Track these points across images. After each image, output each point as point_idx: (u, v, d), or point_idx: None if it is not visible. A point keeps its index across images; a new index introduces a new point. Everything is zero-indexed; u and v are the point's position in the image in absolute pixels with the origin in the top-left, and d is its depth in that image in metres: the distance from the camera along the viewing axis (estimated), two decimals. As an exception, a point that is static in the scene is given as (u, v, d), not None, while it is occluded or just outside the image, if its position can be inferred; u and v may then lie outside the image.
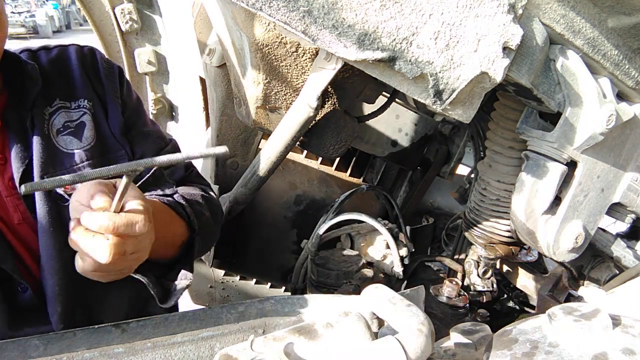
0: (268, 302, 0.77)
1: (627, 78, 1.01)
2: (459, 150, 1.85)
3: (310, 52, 1.09)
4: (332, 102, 1.14)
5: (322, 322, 0.58)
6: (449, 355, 0.70)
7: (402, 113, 1.71)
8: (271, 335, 0.57)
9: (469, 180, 1.74)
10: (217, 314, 0.75)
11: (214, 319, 0.75)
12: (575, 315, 0.55)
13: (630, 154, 1.12)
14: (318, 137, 1.20)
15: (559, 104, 0.97)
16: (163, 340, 0.71)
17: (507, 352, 0.55)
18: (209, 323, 0.75)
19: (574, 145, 1.00)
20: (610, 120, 0.97)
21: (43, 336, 0.69)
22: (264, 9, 0.71)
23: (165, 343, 0.70)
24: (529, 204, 1.07)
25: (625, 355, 0.51)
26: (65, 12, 21.79)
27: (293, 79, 1.13)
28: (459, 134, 1.84)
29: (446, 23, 0.77)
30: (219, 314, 0.75)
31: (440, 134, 1.85)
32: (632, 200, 1.16)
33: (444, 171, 1.93)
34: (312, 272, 1.47)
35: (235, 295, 2.06)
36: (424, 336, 0.53)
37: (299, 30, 0.73)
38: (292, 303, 0.77)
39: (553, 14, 0.86)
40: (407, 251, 1.55)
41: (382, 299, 0.61)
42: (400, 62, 0.77)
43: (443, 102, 0.82)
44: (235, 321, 0.75)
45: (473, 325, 0.74)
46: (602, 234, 1.30)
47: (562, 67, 0.92)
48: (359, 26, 0.74)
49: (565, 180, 1.05)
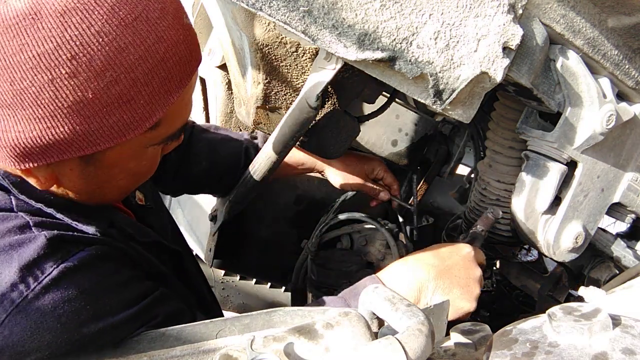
0: (276, 313, 0.72)
1: (627, 78, 1.01)
2: (459, 150, 1.85)
3: (310, 52, 1.09)
4: (332, 102, 1.14)
5: (322, 322, 0.58)
6: (449, 355, 0.70)
7: (402, 113, 1.71)
8: (271, 336, 0.57)
9: (469, 180, 1.74)
10: (219, 326, 0.71)
11: (217, 332, 0.71)
12: (575, 315, 0.55)
13: (630, 154, 1.12)
14: (318, 137, 1.19)
15: (559, 104, 0.97)
16: (161, 353, 0.67)
17: (507, 352, 0.55)
18: (210, 336, 0.70)
19: (574, 145, 1.00)
20: (610, 120, 0.97)
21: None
22: (264, 9, 0.71)
23: (163, 357, 0.67)
24: (529, 204, 1.07)
25: (625, 355, 0.51)
26: (65, 12, 21.77)
27: (293, 79, 1.13)
28: (459, 134, 1.84)
29: (446, 23, 0.77)
30: (221, 326, 0.71)
31: (440, 134, 1.85)
32: (632, 200, 1.16)
33: (444, 171, 1.92)
34: (312, 272, 1.47)
35: (235, 295, 2.06)
36: (424, 336, 0.53)
37: (299, 30, 0.73)
38: (302, 315, 0.72)
39: (553, 14, 0.87)
40: (407, 251, 1.55)
41: (382, 299, 0.61)
42: (400, 62, 0.77)
43: (443, 102, 0.82)
44: (240, 334, 0.70)
45: (473, 325, 0.74)
46: (602, 234, 1.30)
47: (562, 67, 0.92)
48: (359, 26, 0.74)
49: (565, 180, 1.05)
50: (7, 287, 0.63)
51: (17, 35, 0.56)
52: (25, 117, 0.60)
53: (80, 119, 0.61)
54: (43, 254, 0.66)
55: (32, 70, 0.57)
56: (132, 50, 0.61)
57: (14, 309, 0.63)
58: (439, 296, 0.94)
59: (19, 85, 0.58)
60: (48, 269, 0.65)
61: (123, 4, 0.60)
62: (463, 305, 0.96)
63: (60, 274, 0.66)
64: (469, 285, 0.96)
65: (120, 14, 0.60)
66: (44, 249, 0.66)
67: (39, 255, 0.65)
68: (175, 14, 0.67)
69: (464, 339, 0.71)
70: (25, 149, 0.63)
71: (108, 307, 0.69)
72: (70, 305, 0.66)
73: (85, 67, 0.58)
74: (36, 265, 0.65)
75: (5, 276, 0.64)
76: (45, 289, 0.65)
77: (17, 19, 0.56)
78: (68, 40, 0.57)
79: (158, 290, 0.79)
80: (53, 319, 0.64)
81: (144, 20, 0.62)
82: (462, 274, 0.96)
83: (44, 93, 0.58)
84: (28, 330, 0.63)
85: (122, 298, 0.72)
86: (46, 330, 0.64)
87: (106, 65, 0.59)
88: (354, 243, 1.50)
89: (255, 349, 0.54)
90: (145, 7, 0.62)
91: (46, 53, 0.57)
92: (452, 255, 1.00)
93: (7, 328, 0.63)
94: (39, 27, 0.57)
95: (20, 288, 0.64)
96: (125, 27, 0.60)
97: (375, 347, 0.51)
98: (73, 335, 0.66)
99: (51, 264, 0.66)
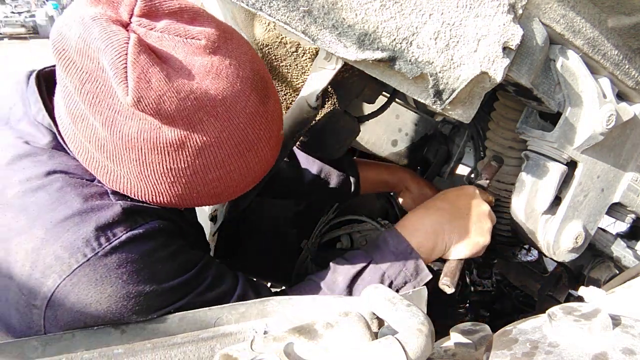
0: (270, 302, 0.77)
1: (627, 78, 1.01)
2: (459, 150, 1.85)
3: (310, 52, 1.09)
4: (332, 102, 1.14)
5: (322, 322, 0.58)
6: (449, 355, 0.70)
7: (402, 113, 1.71)
8: (271, 335, 0.57)
9: (469, 180, 1.74)
10: (217, 314, 0.75)
11: (215, 320, 0.75)
12: (575, 315, 0.55)
13: (630, 154, 1.12)
14: (318, 137, 1.19)
15: (559, 104, 0.97)
16: (163, 341, 0.71)
17: (507, 352, 0.55)
18: (209, 324, 0.75)
19: (574, 145, 1.00)
20: (610, 120, 0.97)
21: (41, 337, 0.69)
22: (264, 9, 0.71)
23: (165, 344, 0.71)
24: (529, 204, 1.07)
25: (625, 355, 0.51)
26: (65, 12, 21.79)
27: (293, 79, 1.13)
28: (459, 134, 1.84)
29: (446, 23, 0.77)
30: (219, 314, 0.75)
31: (440, 134, 1.85)
32: (632, 200, 1.16)
33: (444, 171, 1.92)
34: (312, 272, 1.47)
35: (235, 295, 2.05)
36: (424, 336, 0.53)
37: (299, 30, 0.73)
38: (294, 304, 0.76)
39: (553, 14, 0.87)
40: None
41: (382, 299, 0.61)
42: (400, 62, 0.77)
43: (443, 102, 0.82)
44: (236, 322, 0.75)
45: (473, 325, 0.74)
46: (602, 234, 1.30)
47: (562, 67, 0.92)
48: (359, 26, 0.74)
49: (565, 180, 1.05)
50: (83, 243, 0.72)
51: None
52: (139, 188, 0.77)
53: (175, 200, 0.79)
54: (117, 220, 0.76)
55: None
56: (238, 171, 0.79)
57: (85, 262, 0.72)
58: (455, 236, 1.02)
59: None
60: (118, 234, 0.75)
61: (243, 140, 0.76)
62: (478, 240, 1.04)
63: (127, 239, 0.75)
64: (480, 221, 1.04)
65: (239, 145, 0.76)
66: (118, 216, 0.76)
67: (113, 221, 0.75)
68: (277, 140, 0.84)
69: (464, 339, 0.71)
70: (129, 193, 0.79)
71: (164, 272, 0.79)
72: (132, 265, 0.75)
73: (206, 171, 0.76)
74: (110, 228, 0.75)
75: (82, 232, 0.73)
76: (114, 249, 0.74)
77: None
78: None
79: (204, 256, 0.88)
80: (116, 276, 0.73)
81: (254, 151, 0.79)
82: (472, 212, 1.04)
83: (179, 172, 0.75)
84: (93, 282, 0.72)
85: (176, 266, 0.81)
86: (108, 284, 0.73)
87: (219, 177, 0.78)
88: (354, 243, 1.49)
89: (255, 349, 0.54)
90: (257, 139, 0.79)
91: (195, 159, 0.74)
92: (460, 196, 1.07)
93: (76, 277, 0.71)
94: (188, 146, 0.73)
95: (93, 245, 0.73)
96: (240, 155, 0.78)
97: (375, 347, 0.51)
98: (130, 291, 0.74)
99: (122, 229, 0.75)
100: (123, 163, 0.73)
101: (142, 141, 0.70)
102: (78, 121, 0.73)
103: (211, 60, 0.71)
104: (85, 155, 0.77)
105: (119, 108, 0.68)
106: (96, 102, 0.69)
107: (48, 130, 0.80)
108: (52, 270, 0.71)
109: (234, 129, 0.74)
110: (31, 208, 0.74)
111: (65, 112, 0.75)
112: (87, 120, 0.72)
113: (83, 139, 0.75)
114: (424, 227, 1.02)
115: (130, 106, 0.66)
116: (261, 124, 0.78)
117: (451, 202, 1.06)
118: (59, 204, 0.74)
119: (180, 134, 0.70)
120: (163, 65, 0.67)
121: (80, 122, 0.73)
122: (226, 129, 0.73)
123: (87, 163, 0.78)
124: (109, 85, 0.67)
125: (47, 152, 0.79)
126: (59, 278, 0.71)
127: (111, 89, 0.67)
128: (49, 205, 0.74)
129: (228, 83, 0.72)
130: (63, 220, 0.73)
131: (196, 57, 0.70)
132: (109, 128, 0.70)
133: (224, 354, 0.54)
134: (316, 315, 0.61)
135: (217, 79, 0.71)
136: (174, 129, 0.69)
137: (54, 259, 0.71)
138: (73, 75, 0.69)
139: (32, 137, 0.80)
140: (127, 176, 0.76)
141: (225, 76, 0.72)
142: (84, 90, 0.69)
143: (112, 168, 0.75)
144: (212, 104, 0.71)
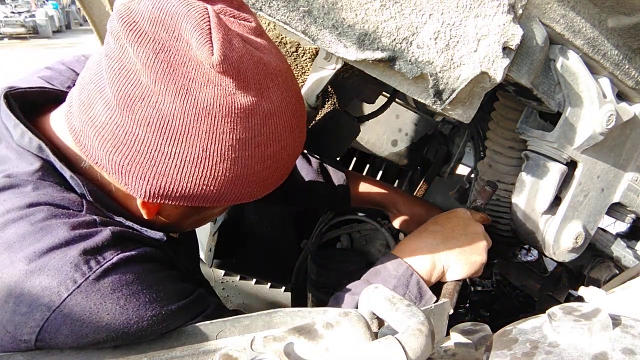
0: (277, 314, 0.71)
1: (627, 78, 1.01)
2: (459, 150, 1.85)
3: (310, 52, 1.09)
4: (332, 102, 1.14)
5: (322, 322, 0.58)
6: (449, 355, 0.70)
7: (402, 113, 1.71)
8: (271, 335, 0.57)
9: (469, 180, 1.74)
10: (219, 328, 0.70)
11: (217, 333, 0.70)
12: (575, 315, 0.55)
13: (630, 154, 1.12)
14: (318, 137, 1.20)
15: (559, 104, 0.97)
16: (160, 354, 0.67)
17: (507, 352, 0.55)
18: (210, 338, 0.70)
19: (574, 145, 1.00)
20: (610, 120, 0.97)
21: (28, 352, 0.66)
22: (264, 9, 0.71)
23: (162, 358, 0.66)
24: (529, 204, 1.07)
25: (625, 355, 0.51)
26: (65, 12, 21.81)
27: (293, 79, 1.13)
28: (459, 134, 1.84)
29: (446, 23, 0.77)
30: (221, 327, 0.70)
31: (440, 134, 1.85)
32: (632, 200, 1.16)
33: (444, 171, 1.92)
34: (312, 272, 1.47)
35: (235, 294, 2.06)
36: (424, 336, 0.53)
37: (299, 30, 0.73)
38: (302, 316, 0.71)
39: (553, 14, 0.87)
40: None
41: (382, 299, 0.61)
42: (400, 62, 0.77)
43: (443, 102, 0.82)
44: (240, 335, 0.70)
45: (473, 325, 0.74)
46: (602, 234, 1.30)
47: (562, 67, 0.92)
48: (359, 26, 0.74)
49: (565, 180, 1.05)
50: (71, 268, 0.66)
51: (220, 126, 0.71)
52: (194, 174, 0.72)
53: (224, 188, 0.75)
54: (107, 243, 0.70)
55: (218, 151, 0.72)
56: (288, 149, 0.79)
57: (76, 289, 0.65)
58: (452, 256, 1.02)
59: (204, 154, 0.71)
60: (109, 256, 0.69)
61: (294, 114, 0.79)
62: (475, 258, 1.04)
63: (119, 261, 0.70)
64: (474, 240, 1.05)
65: (292, 119, 0.78)
66: (108, 240, 0.71)
67: (102, 245, 0.70)
68: (299, 148, 0.85)
69: (464, 339, 0.71)
70: (170, 192, 0.73)
71: (164, 295, 0.72)
72: (129, 288, 0.69)
73: (267, 144, 0.76)
74: (99, 251, 0.69)
75: (70, 257, 0.67)
76: (106, 272, 0.68)
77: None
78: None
79: (202, 286, 0.85)
80: (112, 301, 0.67)
81: (299, 129, 0.81)
82: (465, 232, 1.05)
83: (217, 165, 0.73)
84: (87, 310, 0.66)
85: (177, 288, 0.76)
86: (104, 312, 0.66)
87: (274, 154, 0.78)
88: (354, 243, 1.49)
89: (255, 349, 0.54)
90: (302, 116, 0.82)
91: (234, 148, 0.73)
92: (451, 219, 1.09)
93: (67, 306, 0.65)
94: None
95: (83, 269, 0.67)
96: (291, 131, 0.79)
97: (375, 347, 0.51)
98: (130, 318, 0.68)
99: (112, 252, 0.70)
100: (187, 141, 0.69)
101: (217, 107, 0.68)
102: (136, 103, 0.68)
103: (262, 39, 0.76)
104: (124, 151, 0.71)
105: (194, 75, 0.67)
106: (170, 71, 0.67)
107: (35, 156, 0.74)
108: (40, 302, 0.64)
109: (289, 101, 0.77)
110: (12, 239, 0.68)
111: (114, 101, 0.68)
112: (150, 98, 0.67)
113: (135, 126, 0.68)
114: (419, 249, 1.01)
115: (216, 65, 0.66)
116: (302, 104, 0.83)
117: (443, 225, 1.07)
118: (43, 233, 0.68)
119: (252, 100, 0.71)
120: (235, 32, 0.71)
121: (139, 103, 0.68)
122: (285, 100, 0.76)
123: (122, 160, 0.71)
124: (183, 53, 0.67)
125: (31, 184, 0.73)
126: (48, 310, 0.64)
127: (186, 57, 0.67)
128: (32, 235, 0.68)
129: (279, 60, 0.77)
130: (48, 250, 0.67)
131: (251, 36, 0.75)
132: (183, 98, 0.67)
133: (224, 354, 0.54)
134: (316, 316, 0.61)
135: (270, 55, 0.76)
136: (246, 94, 0.70)
137: (40, 290, 0.65)
138: (145, 46, 0.66)
139: (15, 167, 0.74)
140: (180, 163, 0.70)
141: (275, 53, 0.77)
142: (157, 60, 0.66)
143: (161, 158, 0.70)
144: (274, 72, 0.74)
